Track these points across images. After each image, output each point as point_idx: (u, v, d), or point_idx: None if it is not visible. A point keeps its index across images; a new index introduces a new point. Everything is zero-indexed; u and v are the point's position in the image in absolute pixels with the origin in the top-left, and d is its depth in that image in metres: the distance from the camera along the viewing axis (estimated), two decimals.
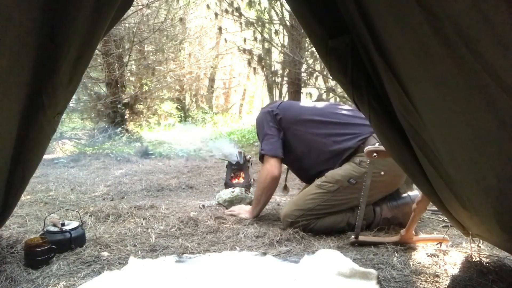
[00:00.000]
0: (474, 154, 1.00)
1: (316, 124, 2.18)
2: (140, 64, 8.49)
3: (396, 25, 0.89)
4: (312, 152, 2.17)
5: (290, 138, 2.22)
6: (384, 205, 2.08)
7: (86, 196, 3.06)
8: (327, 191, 2.01)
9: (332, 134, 2.12)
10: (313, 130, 2.17)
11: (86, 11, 1.10)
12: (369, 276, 1.41)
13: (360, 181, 1.92)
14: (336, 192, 1.99)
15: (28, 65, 1.17)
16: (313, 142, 2.16)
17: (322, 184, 2.03)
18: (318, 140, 2.14)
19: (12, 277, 1.43)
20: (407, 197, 2.10)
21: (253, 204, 2.32)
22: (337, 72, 1.23)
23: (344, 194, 2.00)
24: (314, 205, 2.01)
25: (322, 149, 2.13)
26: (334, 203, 2.01)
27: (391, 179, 2.01)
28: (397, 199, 2.11)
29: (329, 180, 2.02)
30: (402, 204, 2.08)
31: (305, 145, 2.19)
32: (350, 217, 2.04)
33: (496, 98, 0.80)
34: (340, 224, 2.04)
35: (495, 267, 1.49)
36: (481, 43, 0.75)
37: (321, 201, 2.01)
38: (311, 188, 2.08)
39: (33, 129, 1.35)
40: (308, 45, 6.81)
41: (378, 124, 1.28)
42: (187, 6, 9.24)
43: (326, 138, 2.12)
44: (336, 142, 2.09)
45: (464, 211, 1.28)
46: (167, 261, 1.61)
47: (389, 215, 2.07)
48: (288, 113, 2.27)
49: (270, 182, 2.19)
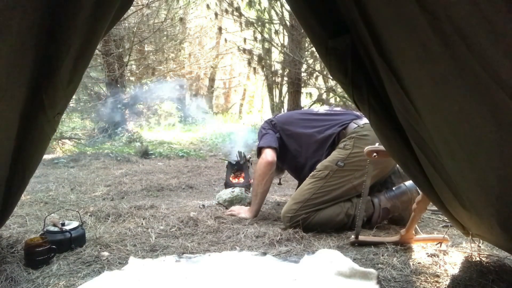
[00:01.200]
0: (474, 154, 0.99)
1: (302, 122, 2.41)
2: (140, 64, 8.50)
3: (396, 25, 0.89)
4: (303, 147, 2.34)
5: (284, 138, 2.41)
6: (381, 196, 2.14)
7: (86, 196, 3.06)
8: (319, 178, 2.09)
9: (315, 126, 2.32)
10: (300, 127, 2.39)
11: (86, 11, 1.10)
12: (369, 276, 1.41)
13: (347, 162, 2.06)
14: (328, 177, 2.08)
15: (28, 65, 1.17)
16: (301, 137, 2.35)
17: (313, 174, 2.14)
18: (305, 134, 2.33)
19: (12, 277, 1.43)
20: (403, 186, 2.16)
21: (252, 198, 2.37)
22: (337, 72, 1.23)
23: (335, 178, 2.07)
24: (310, 194, 2.07)
25: (309, 142, 2.31)
26: (328, 188, 2.07)
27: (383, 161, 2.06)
28: (394, 189, 2.17)
29: (320, 168, 2.13)
30: (399, 193, 2.14)
31: (296, 142, 2.37)
32: (349, 208, 2.08)
33: (496, 98, 0.80)
34: (339, 216, 2.06)
35: (495, 267, 1.49)
36: (482, 43, 0.75)
37: (315, 189, 2.07)
38: (305, 181, 2.17)
39: (33, 129, 1.35)
40: (308, 45, 6.81)
41: (378, 124, 1.28)
42: (187, 6, 9.24)
43: (311, 130, 2.32)
44: (319, 132, 2.28)
45: (464, 211, 1.28)
46: (167, 261, 1.61)
47: (388, 204, 2.12)
48: (281, 118, 2.55)
49: (264, 167, 2.29)
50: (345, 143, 2.11)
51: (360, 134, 2.10)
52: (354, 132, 2.12)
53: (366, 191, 1.82)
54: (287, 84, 8.00)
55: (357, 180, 2.05)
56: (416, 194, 2.03)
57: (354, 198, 2.10)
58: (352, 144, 2.08)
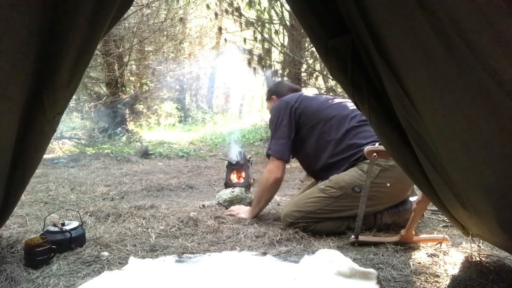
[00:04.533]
0: (474, 154, 1.00)
1: (333, 121, 2.14)
2: (140, 64, 8.50)
3: (397, 25, 0.89)
4: (325, 152, 2.13)
5: (304, 132, 2.18)
6: (384, 211, 2.05)
7: (86, 196, 3.06)
8: (329, 196, 1.98)
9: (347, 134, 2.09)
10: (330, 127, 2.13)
11: (86, 11, 1.10)
12: (369, 276, 1.41)
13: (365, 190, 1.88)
14: (339, 198, 1.97)
15: (28, 65, 1.17)
16: (326, 142, 2.13)
17: (325, 188, 2.01)
18: (334, 140, 2.11)
19: (12, 277, 1.43)
20: (409, 203, 2.06)
21: (253, 203, 2.31)
22: (337, 72, 1.23)
23: (346, 202, 1.97)
24: (315, 208, 2.00)
25: (334, 151, 2.10)
26: (335, 208, 1.99)
27: (396, 191, 1.99)
28: (398, 205, 2.07)
29: (333, 186, 1.99)
30: (403, 210, 2.05)
31: (318, 143, 2.16)
32: (351, 222, 2.00)
33: (497, 98, 0.80)
34: (340, 228, 2.02)
35: (495, 267, 1.49)
36: (482, 43, 0.75)
37: (322, 205, 1.99)
38: (314, 190, 2.06)
39: (33, 129, 1.35)
40: (308, 45, 6.81)
41: (378, 124, 1.28)
42: (187, 6, 9.23)
43: (340, 135, 2.09)
44: (349, 139, 2.07)
45: (464, 211, 1.28)
46: (167, 261, 1.61)
47: (389, 220, 2.05)
48: (308, 109, 2.20)
49: (272, 184, 2.19)
50: (369, 169, 1.90)
51: (388, 164, 1.92)
52: None
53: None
54: None
55: (368, 208, 1.87)
56: None
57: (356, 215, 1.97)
58: (377, 173, 1.91)
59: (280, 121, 2.20)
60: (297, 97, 2.27)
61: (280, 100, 2.31)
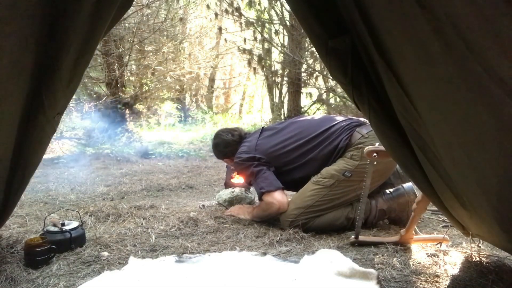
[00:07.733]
0: (474, 154, 0.99)
1: (296, 151, 2.16)
2: (140, 64, 8.49)
3: (396, 25, 0.89)
4: (303, 171, 2.16)
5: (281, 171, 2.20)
6: (379, 198, 2.13)
7: (86, 196, 3.06)
8: (324, 186, 2.05)
9: (312, 149, 2.13)
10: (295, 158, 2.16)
11: (86, 11, 1.10)
12: (369, 276, 1.41)
13: (354, 173, 2.01)
14: (333, 186, 2.04)
15: (28, 65, 1.17)
16: (301, 165, 2.16)
17: (318, 180, 2.07)
18: (305, 162, 2.14)
19: (12, 277, 1.43)
20: (401, 189, 2.14)
21: (255, 215, 2.24)
22: (337, 72, 1.23)
23: (340, 188, 2.04)
24: (313, 201, 2.04)
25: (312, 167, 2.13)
26: (332, 197, 2.05)
27: (384, 166, 2.04)
28: (392, 191, 2.16)
29: (325, 176, 2.06)
30: (396, 196, 2.13)
31: (295, 171, 2.18)
32: (349, 212, 2.07)
33: (496, 98, 0.80)
34: (339, 220, 2.06)
35: (495, 267, 1.49)
36: (481, 43, 0.75)
37: (319, 197, 2.04)
38: (308, 185, 2.11)
39: (33, 129, 1.35)
40: (308, 45, 6.82)
41: (378, 124, 1.28)
42: (187, 6, 9.24)
43: (309, 155, 2.13)
44: (321, 150, 2.12)
45: (464, 211, 1.28)
46: (167, 261, 1.61)
47: (385, 206, 2.11)
48: (269, 154, 2.21)
49: (276, 212, 2.13)
50: (352, 153, 2.05)
51: (367, 145, 1.96)
52: (360, 143, 2.04)
53: (366, 192, 1.82)
54: (287, 84, 8.00)
55: (361, 190, 1.93)
56: (414, 196, 2.03)
57: (354, 202, 2.09)
58: (360, 155, 2.01)
59: (251, 169, 2.18)
60: (254, 147, 2.24)
61: (238, 157, 2.26)
